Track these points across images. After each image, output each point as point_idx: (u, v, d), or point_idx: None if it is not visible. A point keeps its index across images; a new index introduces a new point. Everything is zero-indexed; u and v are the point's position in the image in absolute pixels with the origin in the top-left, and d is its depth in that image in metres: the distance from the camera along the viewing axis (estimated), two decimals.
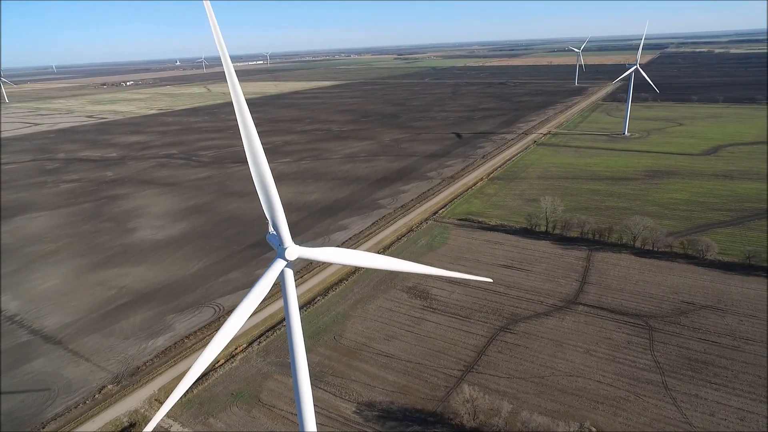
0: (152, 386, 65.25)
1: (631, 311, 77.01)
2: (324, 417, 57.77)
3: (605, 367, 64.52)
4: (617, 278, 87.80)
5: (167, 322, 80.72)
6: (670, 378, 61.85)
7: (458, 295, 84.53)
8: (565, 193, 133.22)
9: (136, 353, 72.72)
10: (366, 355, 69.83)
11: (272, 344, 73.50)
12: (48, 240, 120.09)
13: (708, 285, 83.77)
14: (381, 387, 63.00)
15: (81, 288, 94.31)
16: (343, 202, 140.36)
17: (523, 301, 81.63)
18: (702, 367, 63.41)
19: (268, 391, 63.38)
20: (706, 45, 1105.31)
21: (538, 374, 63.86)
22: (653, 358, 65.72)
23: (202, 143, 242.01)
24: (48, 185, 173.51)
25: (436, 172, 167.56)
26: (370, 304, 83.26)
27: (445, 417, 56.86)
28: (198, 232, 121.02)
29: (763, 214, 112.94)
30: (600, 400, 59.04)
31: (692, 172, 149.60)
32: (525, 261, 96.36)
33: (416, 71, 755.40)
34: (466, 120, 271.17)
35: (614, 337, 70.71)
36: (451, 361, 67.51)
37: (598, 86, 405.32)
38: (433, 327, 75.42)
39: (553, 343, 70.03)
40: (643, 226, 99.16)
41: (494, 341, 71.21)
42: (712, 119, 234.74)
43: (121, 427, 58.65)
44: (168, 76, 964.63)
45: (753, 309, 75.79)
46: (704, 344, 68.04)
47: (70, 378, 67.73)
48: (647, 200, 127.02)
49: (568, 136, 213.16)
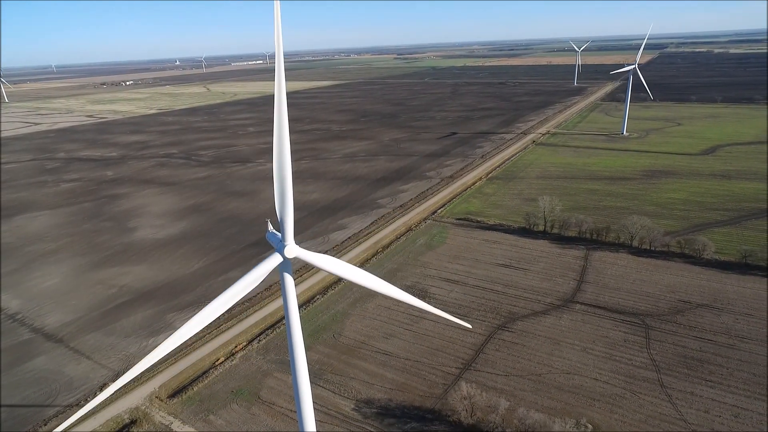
0: (153, 383, 65.80)
1: (628, 310, 77.61)
2: (323, 414, 58.34)
3: (602, 365, 65.12)
4: (614, 277, 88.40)
5: (167, 320, 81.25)
6: (666, 376, 62.43)
7: (457, 294, 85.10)
8: (563, 193, 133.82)
9: (136, 351, 73.23)
10: (365, 353, 70.38)
11: (272, 342, 74.05)
12: (48, 239, 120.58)
13: (704, 284, 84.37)
14: (380, 384, 63.57)
15: (81, 287, 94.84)
16: (343, 201, 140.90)
17: (521, 300, 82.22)
18: (698, 365, 64.01)
19: (268, 389, 63.94)
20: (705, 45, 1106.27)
21: (536, 372, 64.45)
22: (649, 356, 66.30)
23: (201, 143, 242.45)
24: (48, 185, 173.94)
25: (435, 171, 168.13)
26: (368, 302, 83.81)
27: (443, 414, 57.44)
28: (198, 232, 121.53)
29: (760, 213, 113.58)
30: (596, 397, 59.63)
31: (690, 172, 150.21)
32: (523, 260, 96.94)
33: (416, 71, 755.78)
34: (465, 120, 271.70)
35: (611, 336, 71.30)
36: (449, 359, 68.08)
37: (597, 86, 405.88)
38: (431, 325, 75.97)
39: (551, 342, 70.61)
40: (641, 225, 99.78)
41: (492, 339, 71.78)
42: (710, 119, 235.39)
43: (122, 424, 59.19)
44: (167, 76, 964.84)
45: (749, 308, 76.40)
46: (700, 342, 68.64)
47: (71, 376, 68.25)
48: (645, 200, 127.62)
49: (566, 136, 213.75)
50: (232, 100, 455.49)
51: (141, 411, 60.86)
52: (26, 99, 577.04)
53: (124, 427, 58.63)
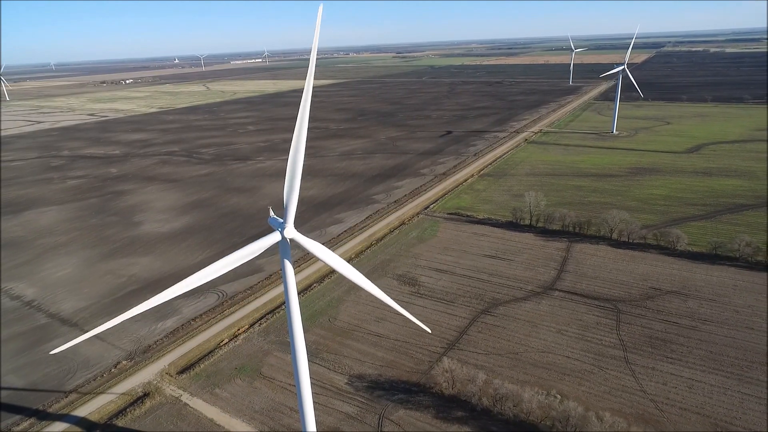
0: (163, 361, 71.78)
1: (603, 296, 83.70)
2: (319, 387, 64.30)
3: (574, 345, 71.18)
4: (593, 267, 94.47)
5: (175, 306, 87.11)
6: (632, 353, 68.53)
7: (444, 282, 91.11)
8: (550, 189, 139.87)
9: (147, 334, 79.23)
10: (358, 334, 76.38)
11: (272, 326, 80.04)
12: (58, 233, 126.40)
13: (675, 273, 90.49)
14: (371, 362, 69.55)
15: (92, 276, 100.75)
16: (339, 197, 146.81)
17: (504, 288, 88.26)
18: (661, 344, 70.11)
19: (269, 366, 69.93)
20: (702, 44, 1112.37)
21: (513, 351, 70.51)
22: (618, 337, 72.38)
23: (202, 141, 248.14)
24: (55, 181, 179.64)
25: (429, 169, 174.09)
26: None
27: (427, 387, 63.45)
28: (201, 226, 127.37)
29: (736, 208, 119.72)
30: (567, 372, 65.69)
31: (674, 170, 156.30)
32: (508, 251, 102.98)
33: (414, 70, 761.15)
34: (461, 118, 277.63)
35: (585, 319, 77.36)
36: (435, 340, 74.06)
37: (592, 85, 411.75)
38: (420, 310, 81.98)
39: (529, 324, 76.66)
40: (620, 219, 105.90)
41: (475, 323, 77.81)
42: (698, 118, 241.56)
43: (136, 396, 65.13)
44: (167, 74, 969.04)
45: (714, 294, 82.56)
46: (665, 324, 74.75)
47: (87, 355, 74.17)
48: (628, 196, 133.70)
49: (558, 135, 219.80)
50: (232, 98, 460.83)
51: (153, 385, 66.83)
52: (27, 97, 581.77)
53: (138, 398, 64.56)
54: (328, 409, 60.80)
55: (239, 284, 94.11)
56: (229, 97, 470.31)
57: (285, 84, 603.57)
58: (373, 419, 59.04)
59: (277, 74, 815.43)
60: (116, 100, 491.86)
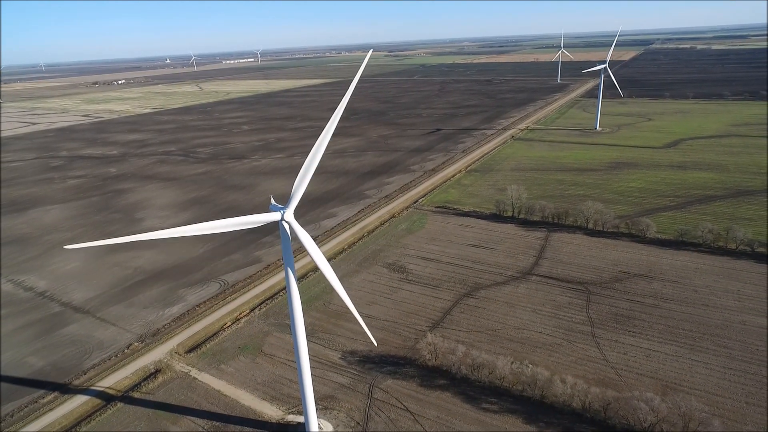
0: (172, 342, 78.25)
1: (576, 280, 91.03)
2: (315, 362, 71.00)
3: (547, 322, 78.38)
4: (568, 254, 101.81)
5: (180, 294, 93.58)
6: (598, 329, 75.82)
7: (431, 270, 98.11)
8: (533, 183, 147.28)
9: (155, 319, 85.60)
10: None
11: (271, 310, 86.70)
12: (64, 229, 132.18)
13: (644, 258, 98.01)
14: (362, 340, 76.35)
15: (100, 269, 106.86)
16: (333, 193, 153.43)
17: (486, 273, 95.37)
18: (625, 320, 77.47)
19: (269, 345, 76.61)
20: (690, 41, 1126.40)
21: (492, 328, 77.61)
22: (587, 315, 79.67)
23: (198, 140, 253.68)
24: (56, 181, 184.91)
25: (419, 165, 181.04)
26: (354, 277, 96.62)
27: (413, 359, 70.39)
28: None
29: (705, 199, 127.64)
30: (539, 345, 72.86)
31: (651, 164, 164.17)
32: (491, 241, 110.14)
33: (405, 68, 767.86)
34: (451, 117, 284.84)
35: (558, 300, 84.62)
36: (421, 320, 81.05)
37: (579, 83, 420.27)
38: (407, 294, 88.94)
39: (507, 305, 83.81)
40: (595, 210, 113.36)
41: (458, 304, 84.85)
42: (679, 114, 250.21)
43: (149, 372, 71.56)
44: (159, 75, 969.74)
45: (677, 276, 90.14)
46: (630, 303, 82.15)
47: (101, 338, 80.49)
48: (606, 188, 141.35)
49: (543, 131, 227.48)
50: (225, 98, 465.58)
51: (164, 363, 73.31)
52: (20, 99, 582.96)
53: (151, 374, 71.00)
54: (324, 380, 67.55)
55: (239, 274, 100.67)
56: (223, 97, 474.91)
57: (277, 84, 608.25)
58: (364, 388, 65.88)
59: (269, 74, 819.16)
60: (110, 101, 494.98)
